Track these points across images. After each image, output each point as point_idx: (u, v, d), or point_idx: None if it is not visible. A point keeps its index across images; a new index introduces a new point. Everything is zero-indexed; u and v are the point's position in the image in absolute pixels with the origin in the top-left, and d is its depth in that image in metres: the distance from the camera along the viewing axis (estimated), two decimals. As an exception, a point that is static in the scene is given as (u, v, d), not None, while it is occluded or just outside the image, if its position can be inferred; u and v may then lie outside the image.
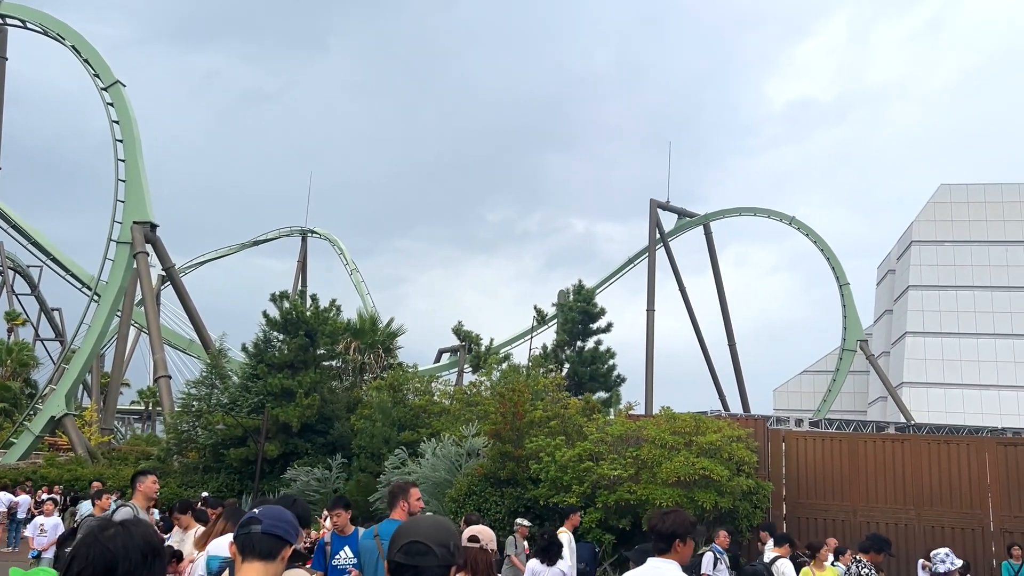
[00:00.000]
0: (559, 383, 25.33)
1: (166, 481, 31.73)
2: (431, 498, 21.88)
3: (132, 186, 40.12)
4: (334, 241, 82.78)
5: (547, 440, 18.99)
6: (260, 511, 3.01)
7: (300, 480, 28.36)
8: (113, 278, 39.13)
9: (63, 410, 38.08)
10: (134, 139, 40.72)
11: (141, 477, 7.82)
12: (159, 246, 40.84)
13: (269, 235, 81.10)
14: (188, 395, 33.33)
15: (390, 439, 26.96)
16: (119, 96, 41.31)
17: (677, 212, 69.34)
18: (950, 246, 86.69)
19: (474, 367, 35.48)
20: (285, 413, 30.14)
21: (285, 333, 32.16)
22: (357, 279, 79.78)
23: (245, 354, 32.70)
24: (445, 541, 2.51)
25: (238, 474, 31.18)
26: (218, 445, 31.19)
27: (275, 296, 32.52)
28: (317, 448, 30.97)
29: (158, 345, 40.10)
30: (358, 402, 31.76)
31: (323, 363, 33.45)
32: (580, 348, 31.24)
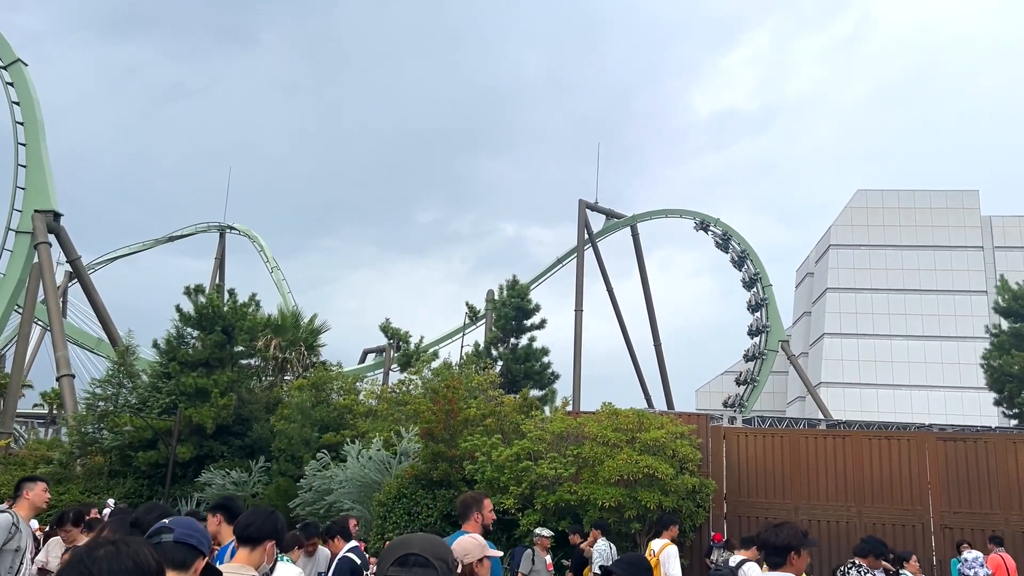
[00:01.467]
0: (493, 381, 24.41)
1: (67, 487, 29.53)
2: (356, 502, 20.67)
3: (34, 172, 37.40)
4: (254, 238, 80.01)
5: (483, 439, 18.04)
6: (171, 520, 2.99)
7: (215, 484, 26.66)
8: (11, 270, 36.38)
9: (-48, 413, 35.12)
10: (36, 122, 38.01)
11: (29, 484, 6.67)
12: (63, 236, 38.19)
13: (185, 231, 77.89)
14: (93, 395, 31.09)
15: (311, 441, 25.57)
16: (20, 76, 38.50)
17: (605, 213, 69.37)
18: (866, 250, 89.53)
19: (403, 366, 34.22)
20: (199, 414, 28.35)
21: (200, 329, 30.30)
22: (278, 277, 77.28)
23: (156, 351, 30.70)
24: (443, 555, 2.40)
25: (147, 478, 29.22)
26: (125, 448, 29.15)
27: (189, 289, 30.62)
28: (234, 451, 29.27)
29: (60, 342, 37.43)
30: (278, 402, 30.20)
31: (241, 361, 31.71)
32: (514, 345, 30.34)
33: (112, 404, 30.47)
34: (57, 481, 30.20)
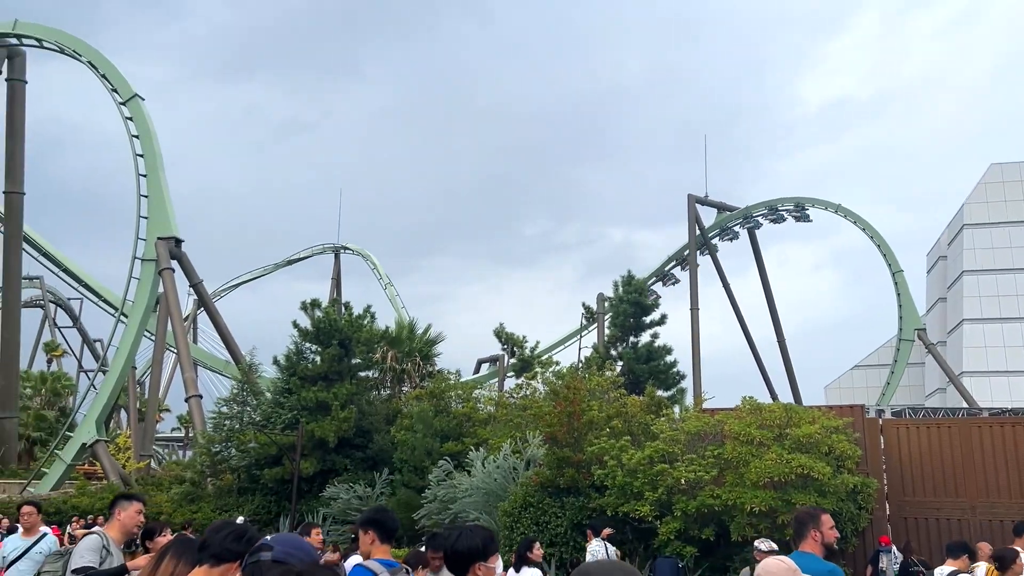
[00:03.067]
0: (615, 381, 23.15)
1: (200, 506, 30.14)
2: (482, 511, 19.84)
3: (154, 201, 38.78)
4: (367, 256, 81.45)
5: (610, 442, 16.83)
6: (273, 537, 3.08)
7: (340, 499, 26.47)
8: (139, 297, 37.75)
9: (94, 436, 36.68)
10: (155, 153, 39.44)
11: (123, 502, 5.86)
12: (185, 262, 39.42)
13: (302, 254, 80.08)
14: (219, 414, 31.69)
15: (433, 451, 24.98)
16: (138, 110, 40.09)
17: (716, 207, 66.66)
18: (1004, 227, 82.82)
19: (518, 371, 33.37)
20: (321, 428, 28.30)
21: (318, 343, 30.36)
22: (392, 293, 78.33)
23: (277, 367, 30.97)
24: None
25: (274, 495, 29.40)
26: (252, 466, 29.46)
27: (306, 304, 30.75)
28: (356, 463, 29.11)
29: (188, 364, 38.57)
30: (397, 413, 29.89)
31: (359, 374, 31.61)
32: (635, 344, 28.90)
33: (237, 422, 30.94)
34: (190, 500, 30.91)
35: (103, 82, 40.76)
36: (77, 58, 41.39)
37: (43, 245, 58.43)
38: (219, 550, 3.23)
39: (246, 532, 3.32)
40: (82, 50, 41.30)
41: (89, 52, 41.28)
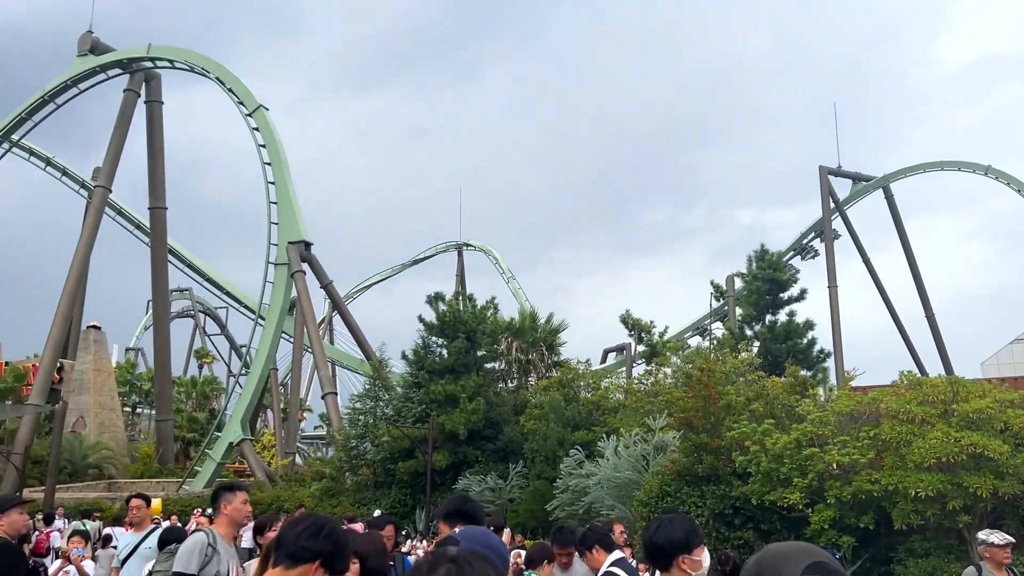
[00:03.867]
0: (752, 363, 21.85)
1: (339, 500, 30.84)
2: (616, 502, 19.09)
3: (283, 207, 40.11)
4: (488, 251, 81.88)
5: (751, 426, 15.71)
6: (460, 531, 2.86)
7: (473, 491, 26.36)
8: (274, 300, 39.15)
9: (240, 435, 38.31)
10: (281, 160, 40.78)
11: (227, 494, 5.35)
12: (315, 264, 40.60)
13: (427, 253, 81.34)
14: (353, 410, 32.38)
15: (564, 440, 24.42)
16: (263, 120, 41.58)
17: (851, 177, 62.70)
18: None
19: (647, 357, 32.32)
20: (450, 420, 28.33)
21: (443, 337, 30.45)
22: (515, 287, 78.38)
23: (405, 362, 31.31)
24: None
25: (409, 488, 29.73)
26: (387, 460, 29.91)
27: (430, 298, 30.91)
28: (488, 455, 29.00)
29: (322, 362, 39.73)
30: (525, 404, 29.57)
31: (485, 365, 31.50)
32: (772, 323, 27.25)
33: (371, 417, 31.49)
34: (330, 495, 31.70)
35: (230, 96, 42.54)
36: (206, 75, 43.38)
37: (189, 258, 61.90)
38: (293, 549, 2.69)
39: (324, 527, 2.76)
40: (210, 67, 43.25)
41: (216, 68, 43.18)
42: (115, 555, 6.87)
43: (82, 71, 45.74)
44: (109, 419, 50.25)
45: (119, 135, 45.93)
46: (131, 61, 45.47)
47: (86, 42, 46.67)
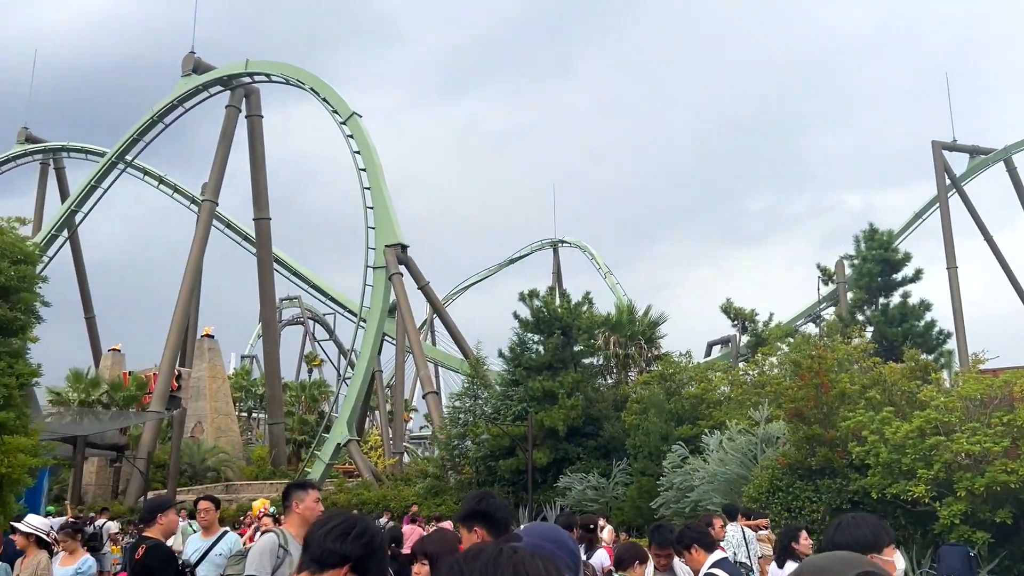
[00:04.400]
0: (865, 348, 20.56)
1: (443, 499, 30.98)
2: (723, 497, 18.27)
3: (379, 211, 40.75)
4: (584, 248, 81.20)
5: (868, 415, 14.66)
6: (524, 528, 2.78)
7: (575, 489, 25.95)
8: (374, 303, 39.83)
9: (347, 436, 39.12)
10: (375, 166, 41.44)
11: (298, 492, 5.08)
12: (412, 265, 41.07)
13: (522, 251, 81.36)
14: (453, 409, 32.51)
15: (668, 435, 23.67)
16: (357, 127, 42.37)
17: (968, 151, 58.87)
18: None
19: (753, 348, 31.08)
20: (549, 417, 27.97)
21: (539, 333, 30.16)
22: (612, 282, 77.40)
23: (502, 359, 31.16)
24: None
25: (512, 486, 29.54)
26: (487, 457, 29.86)
27: (524, 295, 30.67)
28: (589, 452, 28.52)
29: (422, 362, 40.15)
30: (626, 399, 28.90)
31: (582, 361, 31.01)
32: (884, 305, 25.62)
33: (470, 415, 31.52)
34: (434, 494, 31.90)
35: (324, 105, 43.58)
36: (300, 86, 44.58)
37: (294, 266, 63.84)
38: (319, 552, 2.34)
39: (354, 527, 2.39)
40: (304, 78, 44.41)
41: (310, 79, 44.31)
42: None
43: (186, 90, 47.80)
44: (225, 424, 52.33)
45: (223, 150, 47.77)
46: (231, 78, 47.21)
47: (189, 62, 48.77)
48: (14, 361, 13.92)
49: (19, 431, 13.46)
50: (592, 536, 9.08)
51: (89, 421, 43.36)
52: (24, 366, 14.23)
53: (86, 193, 51.63)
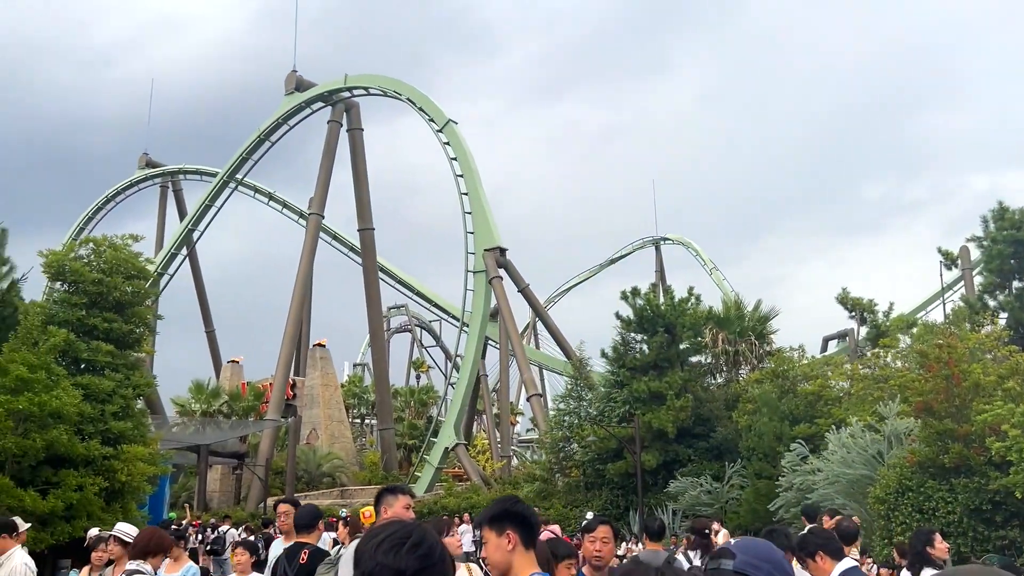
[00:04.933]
0: (999, 336, 18.98)
1: (551, 502, 30.64)
2: (847, 500, 17.19)
3: (477, 216, 40.89)
4: (687, 244, 79.45)
5: (1008, 407, 13.43)
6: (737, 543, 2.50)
7: (688, 494, 25.11)
8: (475, 307, 39.97)
9: (454, 440, 39.36)
10: (472, 171, 41.63)
11: (388, 497, 4.90)
12: (511, 268, 41.01)
13: (623, 251, 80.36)
14: (558, 411, 32.13)
15: (783, 435, 22.58)
16: (453, 134, 42.69)
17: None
18: None
19: (872, 340, 29.35)
20: (657, 418, 27.20)
21: (642, 332, 29.41)
22: (718, 278, 75.34)
23: (605, 360, 30.58)
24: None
25: (620, 489, 28.95)
26: (595, 460, 29.34)
27: (626, 293, 29.98)
28: (700, 453, 27.59)
29: (524, 365, 39.99)
30: (737, 398, 27.82)
31: (690, 359, 30.07)
32: (1020, 289, 23.52)
33: (575, 417, 31.07)
34: (543, 497, 31.59)
35: (421, 114, 44.14)
36: (397, 97, 45.32)
37: (399, 275, 65.08)
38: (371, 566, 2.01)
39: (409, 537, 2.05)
40: (401, 89, 45.13)
41: (406, 90, 44.99)
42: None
43: (290, 108, 49.41)
44: (338, 430, 53.69)
45: (326, 164, 49.11)
46: (331, 93, 48.50)
47: (292, 81, 50.41)
48: (131, 373, 14.46)
49: (137, 440, 13.95)
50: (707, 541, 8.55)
51: (211, 430, 45.31)
52: (140, 377, 14.78)
53: (201, 212, 54.11)
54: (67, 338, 13.63)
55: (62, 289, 14.98)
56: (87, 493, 12.32)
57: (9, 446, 11.66)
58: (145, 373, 15.43)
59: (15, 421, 11.88)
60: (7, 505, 11.23)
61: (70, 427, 12.30)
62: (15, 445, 11.71)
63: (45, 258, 14.47)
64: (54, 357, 13.23)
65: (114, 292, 14.89)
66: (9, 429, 11.76)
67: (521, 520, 3.06)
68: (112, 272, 15.11)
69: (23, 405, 11.60)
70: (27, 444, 11.77)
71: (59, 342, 13.26)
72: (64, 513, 11.52)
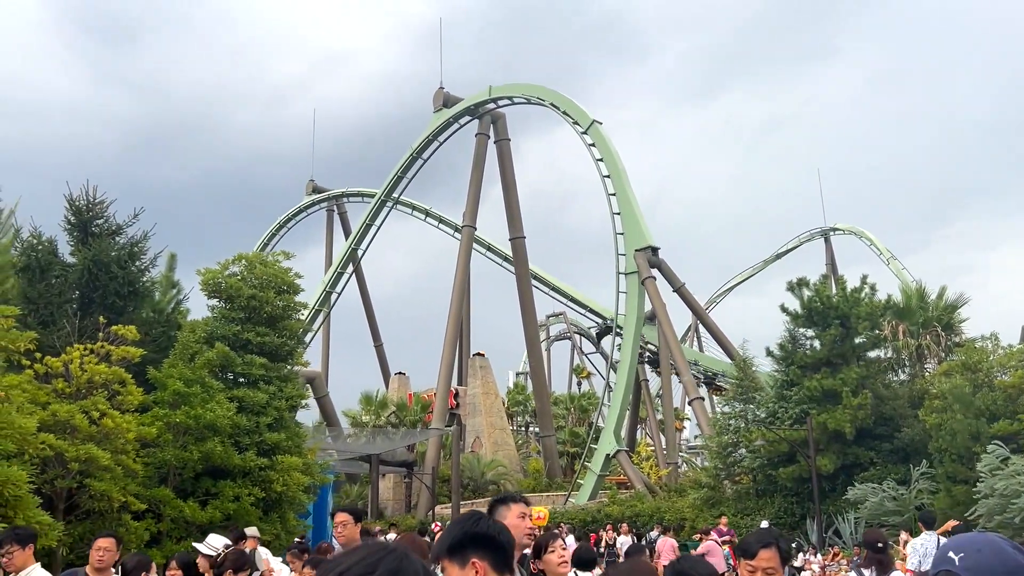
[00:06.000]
0: None
1: (720, 510, 29.14)
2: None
3: (627, 216, 39.88)
4: (860, 233, 74.44)
5: None
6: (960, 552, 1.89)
7: (870, 501, 22.95)
8: (629, 309, 38.91)
9: (615, 446, 38.43)
10: (619, 171, 40.69)
11: (500, 507, 4.17)
12: (665, 268, 39.63)
13: (789, 244, 76.52)
14: (722, 415, 30.53)
15: (980, 434, 20.16)
16: (598, 135, 41.95)
17: None
18: None
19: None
20: (833, 419, 25.15)
21: (811, 326, 27.36)
22: (897, 267, 69.95)
23: (771, 359, 28.72)
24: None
25: (795, 496, 27.05)
26: (765, 465, 27.54)
27: (792, 285, 28.03)
28: (884, 456, 25.30)
29: (683, 367, 38.41)
30: (923, 395, 25.26)
31: (865, 354, 27.66)
32: None
33: (742, 421, 29.40)
34: (710, 505, 30.09)
35: (565, 118, 43.72)
36: (541, 103, 45.16)
37: (555, 283, 64.96)
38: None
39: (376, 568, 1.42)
40: (543, 94, 44.94)
41: (549, 95, 44.74)
42: None
43: (438, 124, 50.51)
44: (501, 438, 54.07)
45: (476, 177, 49.80)
46: (477, 106, 49.12)
47: (439, 98, 51.55)
48: (283, 385, 14.81)
49: (292, 451, 14.23)
50: (882, 556, 7.34)
51: (381, 440, 46.88)
52: (292, 389, 15.13)
53: (362, 231, 56.35)
54: (225, 353, 14.13)
55: (220, 306, 15.63)
56: (244, 503, 12.64)
57: (169, 458, 12.16)
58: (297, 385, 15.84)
59: (174, 434, 12.38)
60: (170, 516, 11.76)
61: (226, 439, 12.68)
62: (174, 457, 12.19)
63: (202, 276, 15.19)
64: (209, 371, 13.75)
65: (266, 307, 15.35)
66: (168, 442, 12.27)
67: (488, 542, 2.39)
68: (264, 287, 15.60)
69: (180, 419, 12.08)
70: (185, 456, 12.24)
71: (214, 357, 13.76)
72: (224, 523, 11.84)
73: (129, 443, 10.69)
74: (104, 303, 13.82)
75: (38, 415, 9.45)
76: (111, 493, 10.09)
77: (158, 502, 11.65)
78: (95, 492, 10.07)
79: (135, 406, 11.55)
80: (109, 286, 13.82)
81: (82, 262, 14.01)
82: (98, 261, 13.85)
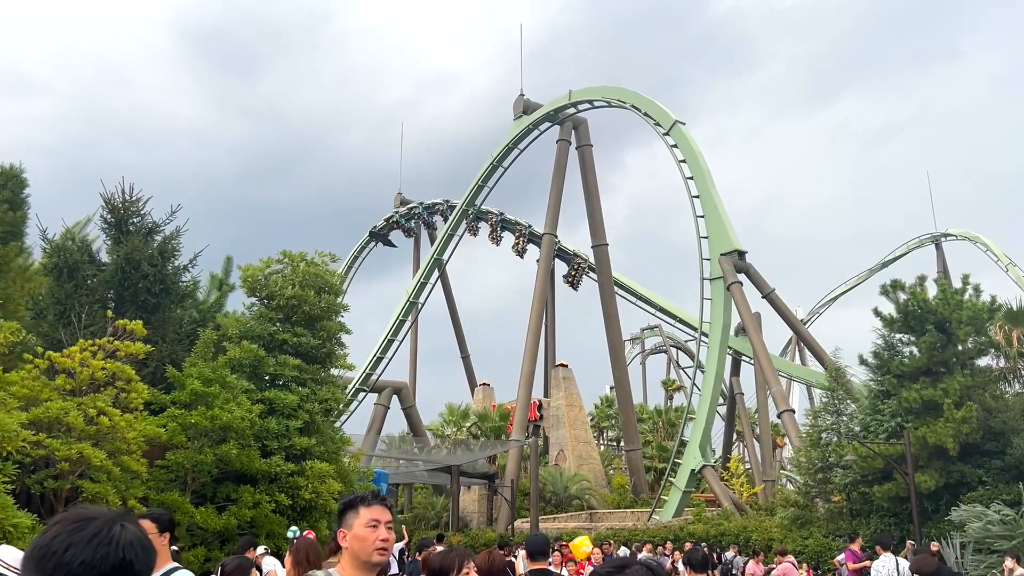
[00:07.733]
0: None
1: (810, 531, 27.05)
2: None
3: (711, 219, 38.03)
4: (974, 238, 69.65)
5: None
6: None
7: (973, 525, 20.58)
8: (714, 316, 36.99)
9: (700, 462, 36.54)
10: (703, 172, 38.92)
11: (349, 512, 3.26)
12: (752, 273, 37.50)
13: (897, 252, 72.41)
14: (812, 428, 28.32)
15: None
16: (680, 136, 40.31)
17: None
18: None
19: None
20: (934, 433, 22.80)
21: (908, 331, 25.01)
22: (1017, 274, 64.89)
23: (865, 367, 26.45)
24: None
25: (892, 516, 24.71)
26: (858, 483, 25.27)
27: (886, 288, 25.74)
28: (993, 475, 22.72)
29: (772, 377, 36.11)
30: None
31: (971, 362, 25.10)
32: None
33: (835, 434, 27.20)
34: (800, 524, 28.00)
35: (646, 120, 42.24)
36: (622, 105, 43.84)
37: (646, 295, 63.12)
38: None
39: None
40: (624, 96, 43.62)
41: (630, 96, 43.38)
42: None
43: (519, 131, 49.87)
44: (585, 451, 52.62)
45: (557, 184, 48.85)
46: (557, 111, 48.23)
47: (519, 106, 50.94)
48: (318, 388, 14.18)
49: (325, 457, 13.54)
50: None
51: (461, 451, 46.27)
52: (328, 392, 14.48)
53: (445, 241, 56.20)
54: (255, 353, 13.62)
55: (259, 305, 15.19)
56: (263, 510, 12.00)
57: (182, 460, 11.65)
58: (335, 388, 15.19)
59: (188, 436, 11.88)
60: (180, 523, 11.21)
61: (245, 441, 12.09)
62: (186, 459, 11.67)
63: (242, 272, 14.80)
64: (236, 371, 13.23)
65: (304, 305, 14.79)
66: (183, 444, 11.77)
67: None
68: (304, 286, 15.07)
69: (195, 419, 11.55)
70: (199, 459, 11.70)
71: (238, 355, 13.25)
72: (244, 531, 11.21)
73: (132, 443, 10.21)
74: (136, 301, 13.56)
75: (32, 412, 9.03)
76: (107, 495, 9.60)
77: (168, 507, 11.15)
78: (88, 494, 9.60)
79: (141, 404, 11.09)
80: (140, 284, 13.54)
81: (115, 261, 13.82)
82: (130, 259, 13.61)
